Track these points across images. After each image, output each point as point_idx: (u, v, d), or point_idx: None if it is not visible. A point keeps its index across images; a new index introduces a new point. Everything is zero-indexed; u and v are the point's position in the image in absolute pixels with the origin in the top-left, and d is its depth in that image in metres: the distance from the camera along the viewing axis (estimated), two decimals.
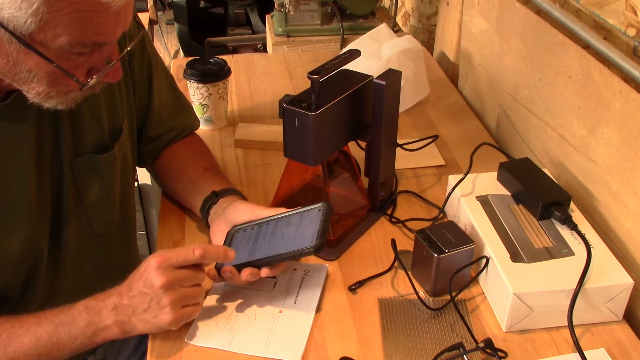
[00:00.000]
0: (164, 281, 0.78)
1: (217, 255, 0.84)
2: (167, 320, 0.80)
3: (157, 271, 0.79)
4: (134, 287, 0.80)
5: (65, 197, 0.91)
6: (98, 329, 0.80)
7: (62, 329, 0.80)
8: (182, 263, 0.80)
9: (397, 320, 0.88)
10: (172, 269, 0.80)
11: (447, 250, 0.88)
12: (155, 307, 0.79)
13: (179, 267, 0.80)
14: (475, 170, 1.07)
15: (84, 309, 0.80)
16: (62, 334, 0.80)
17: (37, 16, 0.66)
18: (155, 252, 0.81)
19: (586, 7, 1.11)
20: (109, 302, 0.80)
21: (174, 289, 0.79)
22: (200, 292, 0.83)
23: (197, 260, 0.81)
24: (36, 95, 0.76)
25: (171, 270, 0.79)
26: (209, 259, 0.82)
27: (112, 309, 0.80)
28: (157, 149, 1.09)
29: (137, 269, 0.82)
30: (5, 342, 0.79)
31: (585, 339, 0.86)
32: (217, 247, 0.85)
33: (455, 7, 1.56)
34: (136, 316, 0.80)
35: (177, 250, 0.81)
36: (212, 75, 1.27)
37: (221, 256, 0.84)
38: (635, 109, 0.89)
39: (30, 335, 0.80)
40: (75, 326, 0.80)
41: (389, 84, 0.97)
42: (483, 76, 1.42)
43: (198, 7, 2.77)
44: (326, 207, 0.88)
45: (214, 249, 0.83)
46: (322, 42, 1.86)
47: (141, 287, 0.79)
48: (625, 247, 0.94)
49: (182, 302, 0.81)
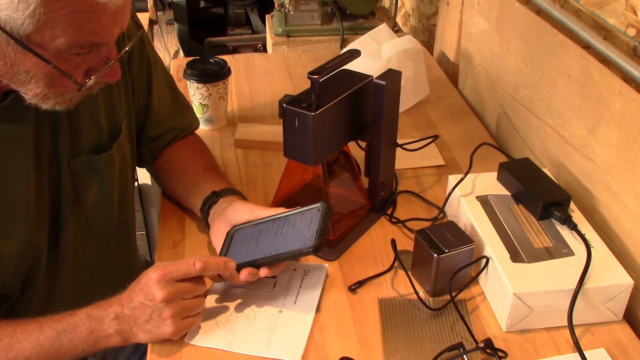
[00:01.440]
0: (164, 295, 0.79)
1: (217, 267, 0.84)
2: (168, 332, 0.80)
3: (158, 285, 0.79)
4: (134, 299, 0.80)
5: (63, 197, 0.91)
6: (100, 337, 0.81)
7: (64, 336, 0.80)
8: (183, 276, 0.81)
9: (397, 320, 0.88)
10: (173, 283, 0.80)
11: (447, 250, 0.88)
12: (157, 319, 0.80)
13: (179, 280, 0.81)
14: (475, 170, 1.07)
15: (86, 317, 0.81)
16: (64, 341, 0.80)
17: (34, 17, 0.66)
18: (156, 265, 0.82)
19: (586, 7, 1.10)
20: (111, 311, 0.81)
21: (174, 302, 0.80)
22: (201, 303, 0.84)
23: (197, 273, 0.82)
24: (34, 96, 0.76)
25: (172, 284, 0.80)
26: (209, 271, 0.83)
27: (114, 318, 0.81)
28: (157, 149, 1.09)
29: (137, 280, 0.82)
30: (7, 347, 0.79)
31: (585, 339, 0.86)
32: (217, 260, 0.85)
33: (455, 7, 1.56)
34: (137, 326, 0.81)
35: (178, 264, 0.81)
36: (212, 75, 1.27)
37: (222, 268, 0.85)
38: (635, 109, 0.89)
39: (32, 341, 0.80)
40: (78, 334, 0.80)
41: (389, 84, 0.97)
42: (483, 76, 1.42)
43: (198, 7, 2.77)
44: (325, 207, 0.88)
45: (214, 262, 0.84)
46: (322, 42, 1.86)
47: (142, 299, 0.80)
48: (625, 247, 0.94)
49: (183, 314, 0.81)
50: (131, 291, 0.82)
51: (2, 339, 0.80)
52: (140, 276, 0.82)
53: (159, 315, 0.79)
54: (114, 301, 0.82)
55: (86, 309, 0.82)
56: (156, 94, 1.05)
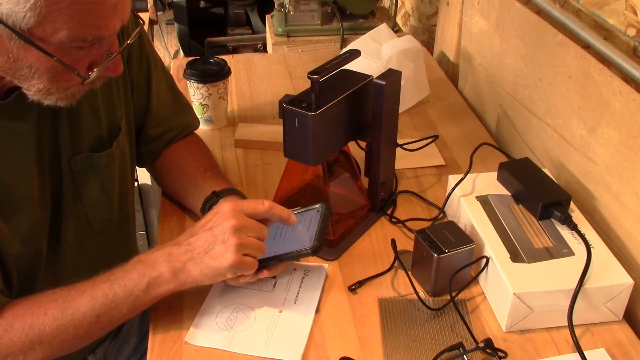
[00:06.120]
0: (235, 223, 0.81)
1: (281, 214, 0.86)
2: (228, 261, 0.80)
3: (230, 213, 0.82)
4: (199, 231, 0.83)
5: (64, 195, 0.91)
6: (151, 278, 0.80)
7: (117, 284, 0.80)
8: (252, 212, 0.84)
9: (397, 320, 0.88)
10: (243, 215, 0.83)
11: (447, 250, 0.88)
12: (220, 246, 0.80)
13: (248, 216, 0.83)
14: (475, 170, 1.07)
15: (137, 262, 0.82)
16: (117, 289, 0.80)
17: (36, 10, 0.66)
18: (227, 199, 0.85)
19: (586, 7, 1.11)
20: (164, 252, 0.82)
21: (241, 233, 0.81)
22: (262, 248, 0.84)
23: (265, 211, 0.84)
24: (37, 92, 0.76)
25: (242, 216, 0.82)
26: (274, 215, 0.85)
27: (167, 257, 0.81)
28: (157, 148, 1.09)
29: (204, 217, 0.85)
30: (62, 306, 0.80)
31: (585, 339, 0.86)
32: (282, 208, 0.87)
33: (455, 7, 1.56)
34: (193, 260, 0.81)
35: (248, 201, 0.85)
36: (212, 75, 1.27)
37: (285, 217, 0.86)
38: (635, 109, 0.89)
39: (86, 296, 0.80)
40: (130, 279, 0.80)
41: (389, 84, 0.97)
42: (483, 76, 1.42)
43: (198, 7, 2.77)
44: (325, 208, 0.88)
45: (279, 208, 0.86)
46: (322, 42, 1.86)
47: (210, 227, 0.82)
48: (625, 247, 0.94)
49: (245, 249, 0.82)
50: (195, 226, 0.84)
51: (56, 299, 0.80)
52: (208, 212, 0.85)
53: (224, 242, 0.80)
54: (167, 244, 0.84)
55: (138, 256, 0.83)
56: (156, 93, 1.05)
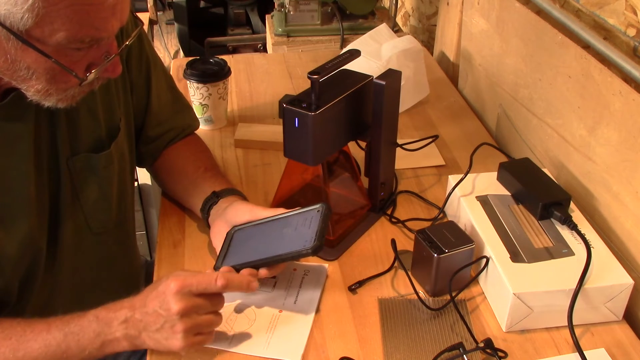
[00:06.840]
0: (181, 307, 0.76)
1: (239, 286, 0.81)
2: (177, 345, 0.78)
3: (175, 296, 0.76)
4: (149, 305, 0.78)
5: (62, 195, 0.91)
6: (107, 340, 0.78)
7: (72, 337, 0.78)
8: (203, 291, 0.78)
9: (397, 320, 0.88)
10: (190, 296, 0.77)
11: (447, 250, 0.88)
12: (169, 330, 0.77)
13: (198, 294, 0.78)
14: (475, 170, 1.07)
15: (94, 319, 0.79)
16: (71, 342, 0.78)
17: (33, 11, 0.66)
18: (176, 274, 0.79)
19: (586, 7, 1.10)
20: (120, 314, 0.78)
21: (189, 317, 0.77)
22: (217, 321, 0.81)
23: (218, 290, 0.79)
24: (35, 93, 0.75)
25: (190, 297, 0.77)
26: (231, 290, 0.80)
27: (123, 322, 0.78)
28: (157, 149, 1.09)
29: (154, 286, 0.79)
30: (15, 346, 0.79)
31: (585, 339, 0.86)
32: (240, 278, 0.82)
33: (455, 7, 1.56)
34: (147, 333, 0.78)
35: (199, 277, 0.78)
36: (212, 75, 1.27)
37: (244, 288, 0.81)
38: (635, 109, 0.89)
39: (40, 341, 0.79)
40: (85, 336, 0.78)
41: (389, 84, 0.97)
42: (483, 76, 1.42)
43: (198, 7, 2.77)
44: (325, 208, 0.88)
45: (237, 280, 0.81)
46: (322, 42, 1.86)
47: (157, 307, 0.77)
48: (625, 247, 0.94)
49: (195, 330, 0.78)
50: (146, 296, 0.79)
51: (10, 337, 0.79)
52: (157, 282, 0.79)
53: (171, 327, 0.77)
54: (125, 304, 0.79)
55: (95, 311, 0.80)
56: (155, 94, 1.05)
